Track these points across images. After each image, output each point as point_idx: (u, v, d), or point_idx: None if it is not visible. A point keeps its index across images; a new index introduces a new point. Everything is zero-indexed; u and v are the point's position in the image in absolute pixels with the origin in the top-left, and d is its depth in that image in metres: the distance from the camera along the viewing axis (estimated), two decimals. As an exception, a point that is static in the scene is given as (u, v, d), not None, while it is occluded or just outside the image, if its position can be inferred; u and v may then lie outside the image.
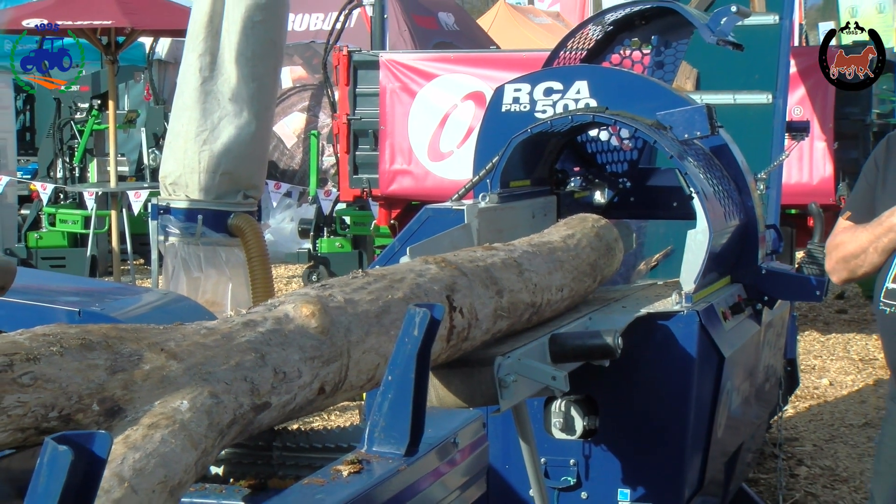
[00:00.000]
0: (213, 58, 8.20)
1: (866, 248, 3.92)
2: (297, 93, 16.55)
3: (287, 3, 8.66)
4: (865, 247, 3.93)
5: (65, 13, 13.18)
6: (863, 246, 3.94)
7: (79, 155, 15.05)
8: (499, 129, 5.72)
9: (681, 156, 5.20)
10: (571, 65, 6.61)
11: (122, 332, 2.64)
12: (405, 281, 3.53)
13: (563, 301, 4.56)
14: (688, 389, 4.86)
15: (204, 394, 2.64)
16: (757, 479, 6.94)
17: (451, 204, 5.38)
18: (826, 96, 10.10)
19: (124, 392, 2.52)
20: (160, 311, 5.68)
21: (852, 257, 3.98)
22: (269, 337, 2.93)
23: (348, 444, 3.38)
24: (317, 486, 2.86)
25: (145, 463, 2.36)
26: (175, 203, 8.25)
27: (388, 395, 3.09)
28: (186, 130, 8.18)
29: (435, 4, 19.28)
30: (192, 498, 3.09)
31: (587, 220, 5.11)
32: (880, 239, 3.88)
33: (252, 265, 8.17)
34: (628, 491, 4.95)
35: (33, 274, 8.64)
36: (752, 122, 7.22)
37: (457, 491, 3.47)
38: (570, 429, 4.87)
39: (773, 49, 7.71)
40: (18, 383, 2.33)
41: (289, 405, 2.96)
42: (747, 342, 5.41)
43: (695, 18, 6.49)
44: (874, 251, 3.91)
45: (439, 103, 11.27)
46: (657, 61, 6.82)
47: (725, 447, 5.50)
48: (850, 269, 4.02)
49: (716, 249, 5.09)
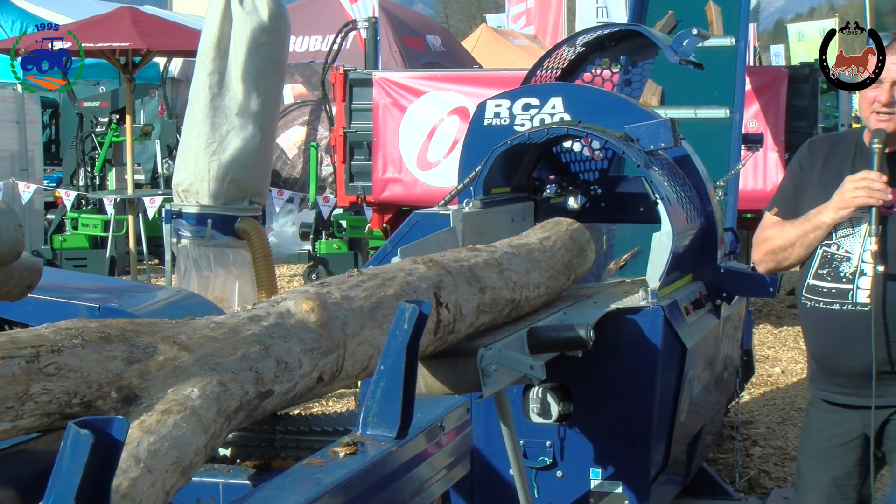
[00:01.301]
0: (222, 76, 8.20)
1: (794, 243, 3.92)
2: (297, 108, 16.54)
3: (289, 26, 8.65)
4: (793, 241, 3.92)
5: (87, 36, 13.14)
6: (791, 240, 3.93)
7: (99, 165, 15.02)
8: (481, 141, 5.71)
9: (647, 165, 5.20)
10: (547, 83, 6.61)
11: (137, 325, 2.63)
12: (396, 279, 3.53)
13: (539, 297, 4.56)
14: (653, 378, 4.86)
15: (213, 382, 2.63)
16: (716, 458, 6.95)
17: (437, 209, 5.37)
18: (777, 112, 10.12)
19: (140, 381, 2.51)
20: (173, 306, 5.67)
21: (780, 250, 3.98)
22: (273, 330, 2.93)
23: (344, 428, 3.37)
24: (316, 466, 2.86)
25: (159, 445, 2.36)
26: (187, 208, 8.24)
27: (381, 383, 3.09)
28: (197, 142, 8.18)
29: (423, 27, 19.30)
30: (202, 477, 3.08)
31: (562, 224, 5.11)
32: (807, 235, 3.87)
33: (257, 265, 8.16)
34: (599, 470, 4.96)
35: (57, 273, 8.62)
36: (711, 135, 7.24)
37: (443, 470, 3.47)
38: (547, 413, 4.87)
39: (730, 68, 7.73)
40: (44, 373, 2.33)
41: (290, 392, 2.95)
42: (707, 334, 5.41)
43: (659, 40, 6.50)
44: (801, 245, 3.90)
45: (427, 117, 11.27)
46: (625, 79, 6.82)
47: (687, 430, 5.51)
48: (777, 261, 4.03)
49: (679, 250, 5.09)
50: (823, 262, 3.89)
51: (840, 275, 3.84)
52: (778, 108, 10.11)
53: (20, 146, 15.16)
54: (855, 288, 3.80)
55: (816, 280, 3.90)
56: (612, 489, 4.95)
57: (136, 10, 14.46)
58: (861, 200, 3.71)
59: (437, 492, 3.45)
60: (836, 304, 3.85)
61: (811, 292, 3.92)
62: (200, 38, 8.42)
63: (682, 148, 5.61)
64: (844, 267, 3.84)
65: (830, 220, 3.81)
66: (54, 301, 5.15)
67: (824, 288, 3.88)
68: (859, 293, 3.79)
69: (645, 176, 5.17)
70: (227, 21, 8.23)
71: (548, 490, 4.99)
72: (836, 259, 3.86)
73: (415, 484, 3.24)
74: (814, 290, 3.91)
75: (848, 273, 3.82)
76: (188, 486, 2.52)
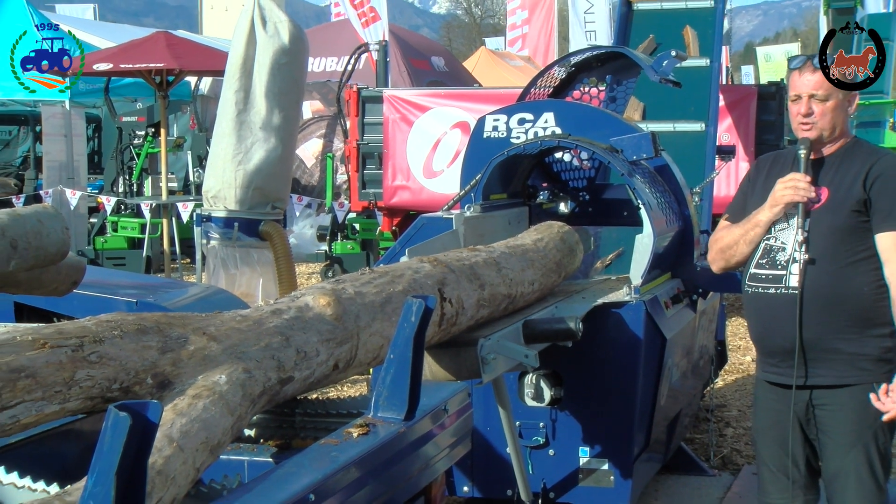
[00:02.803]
0: (247, 94, 8.20)
1: (738, 240, 4.04)
2: (315, 122, 16.53)
3: (307, 48, 8.65)
4: (738, 239, 4.04)
5: (127, 58, 13.20)
6: (736, 238, 4.05)
7: (136, 173, 15.02)
8: (481, 152, 5.71)
9: (630, 174, 5.20)
10: (540, 99, 6.60)
11: (171, 318, 2.63)
12: (404, 277, 3.52)
13: (533, 293, 4.55)
14: (636, 365, 4.86)
15: (239, 370, 2.63)
16: (693, 438, 6.94)
17: (441, 213, 5.37)
18: (748, 125, 10.10)
19: (173, 368, 2.51)
20: (203, 301, 5.68)
21: (728, 248, 4.10)
22: (293, 323, 2.93)
23: (358, 411, 3.37)
24: (332, 445, 2.85)
25: (190, 426, 2.35)
26: (215, 213, 8.24)
27: (391, 371, 3.09)
28: (225, 153, 8.18)
29: (428, 50, 19.28)
30: (229, 455, 3.08)
31: (553, 227, 5.11)
32: (748, 232, 4.00)
33: (279, 264, 8.17)
34: (587, 448, 4.95)
35: (99, 271, 8.63)
36: (688, 146, 7.22)
37: (447, 449, 3.47)
38: (540, 397, 4.86)
39: (705, 87, 7.72)
40: (88, 361, 2.33)
41: (309, 379, 2.95)
42: (685, 326, 5.41)
43: (641, 61, 6.49)
44: (744, 242, 4.02)
45: (432, 131, 11.26)
46: (610, 96, 6.82)
47: (667, 413, 5.50)
48: (726, 259, 4.13)
49: (659, 250, 5.09)
50: (764, 252, 3.99)
51: (776, 263, 3.95)
52: (748, 122, 10.10)
53: (67, 157, 15.18)
54: (788, 273, 3.90)
55: (757, 269, 4.01)
56: (598, 466, 4.94)
57: (170, 35, 14.48)
58: (788, 198, 3.87)
59: (441, 468, 3.45)
60: (772, 289, 3.94)
61: (752, 280, 4.02)
62: (228, 59, 8.42)
63: (661, 158, 5.60)
64: (780, 256, 3.94)
65: (766, 217, 3.95)
66: (96, 296, 5.16)
67: (763, 275, 3.98)
68: (791, 278, 3.89)
69: (628, 183, 5.17)
70: (252, 44, 8.23)
71: (541, 467, 4.99)
72: (774, 250, 3.97)
73: (421, 461, 3.24)
74: (754, 277, 4.01)
75: (783, 261, 3.92)
76: (216, 463, 2.52)
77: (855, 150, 3.96)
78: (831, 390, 3.89)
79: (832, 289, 3.85)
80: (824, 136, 3.90)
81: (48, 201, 13.04)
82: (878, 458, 3.89)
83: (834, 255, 3.86)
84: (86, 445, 2.74)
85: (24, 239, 3.70)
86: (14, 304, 5.60)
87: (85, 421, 2.97)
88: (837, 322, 3.86)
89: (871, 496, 3.89)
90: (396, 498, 3.10)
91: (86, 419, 2.86)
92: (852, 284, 3.85)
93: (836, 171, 3.91)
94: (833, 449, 3.92)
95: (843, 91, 3.89)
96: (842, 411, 3.89)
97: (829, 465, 3.96)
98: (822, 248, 3.87)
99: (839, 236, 3.86)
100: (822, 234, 3.87)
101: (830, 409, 3.91)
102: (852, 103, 3.96)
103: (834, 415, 3.91)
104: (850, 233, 3.86)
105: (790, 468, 4.00)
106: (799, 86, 3.91)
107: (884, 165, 3.86)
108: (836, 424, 3.90)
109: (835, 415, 3.91)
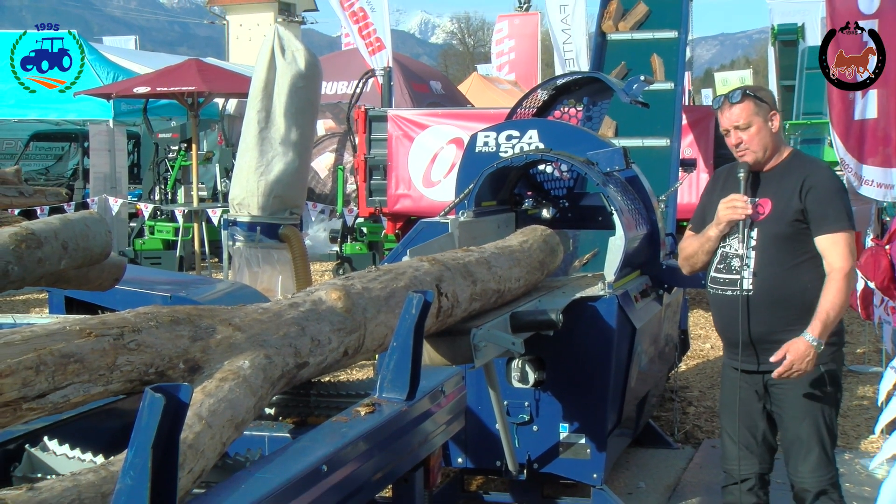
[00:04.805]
0: (268, 113, 8.19)
1: (697, 251, 4.15)
2: (328, 139, 16.51)
3: (321, 73, 8.64)
4: (696, 250, 4.15)
5: (163, 82, 13.19)
6: (695, 249, 4.16)
7: (171, 183, 14.99)
8: (473, 164, 5.70)
9: (604, 184, 5.19)
10: (526, 118, 6.60)
11: (201, 311, 2.63)
12: (406, 274, 3.52)
13: (520, 288, 4.55)
14: (609, 352, 4.85)
15: (260, 356, 2.62)
16: (659, 416, 6.94)
17: (439, 218, 5.36)
18: (707, 141, 10.09)
19: (202, 355, 2.51)
20: (229, 296, 5.67)
21: (690, 257, 4.21)
22: (308, 314, 2.92)
23: (365, 392, 3.37)
24: (342, 422, 2.85)
25: (217, 406, 2.35)
26: (240, 218, 8.24)
27: (394, 356, 3.08)
28: (248, 166, 8.17)
29: (427, 75, 19.28)
30: (251, 431, 3.08)
31: (537, 230, 5.10)
32: (703, 245, 4.11)
33: (296, 263, 8.16)
34: (567, 425, 4.95)
35: (138, 269, 8.62)
36: (655, 160, 7.22)
37: (443, 426, 3.47)
38: (525, 380, 4.86)
39: (669, 107, 7.72)
40: (127, 348, 2.32)
41: (322, 364, 2.95)
42: (652, 317, 5.41)
43: (614, 84, 6.49)
44: (702, 252, 4.13)
45: (431, 146, 11.25)
46: (587, 115, 6.82)
47: (636, 393, 5.50)
48: (691, 265, 4.24)
49: (629, 251, 5.08)
50: (721, 259, 4.07)
51: (731, 268, 4.02)
52: (708, 138, 10.09)
53: (111, 169, 15.15)
54: (741, 277, 3.98)
55: (716, 273, 4.08)
56: (576, 440, 4.94)
57: (200, 62, 14.45)
58: (728, 216, 3.99)
59: (438, 443, 3.44)
60: (729, 291, 4.02)
61: (713, 282, 4.10)
62: (251, 83, 8.41)
63: (632, 170, 5.60)
64: (734, 262, 4.01)
65: (714, 233, 4.06)
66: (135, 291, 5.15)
67: (721, 278, 4.06)
68: (744, 281, 3.98)
69: (603, 192, 5.17)
70: (273, 70, 8.22)
71: (526, 441, 4.98)
72: (729, 256, 4.04)
73: (421, 436, 3.24)
74: (715, 280, 4.09)
75: (737, 266, 4.00)
76: (240, 438, 2.52)
77: (793, 164, 4.04)
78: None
79: (780, 290, 3.94)
80: (759, 157, 4.01)
81: (94, 208, 13.03)
82: (825, 428, 3.99)
83: (780, 259, 3.95)
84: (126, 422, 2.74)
85: (74, 241, 3.70)
86: (65, 298, 5.60)
87: (125, 401, 2.97)
88: (785, 317, 3.94)
89: (822, 457, 3.99)
90: (399, 468, 3.10)
91: (126, 399, 2.85)
92: (797, 284, 3.94)
93: (777, 184, 4.00)
94: (788, 421, 4.02)
95: (761, 115, 3.99)
96: (792, 390, 3.98)
97: (785, 434, 4.06)
98: (770, 254, 3.95)
99: (783, 242, 3.95)
100: (769, 241, 3.96)
101: (783, 388, 4.00)
102: (773, 122, 4.03)
103: (786, 393, 4.00)
104: (792, 239, 3.95)
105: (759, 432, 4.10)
106: (724, 121, 4.04)
107: (815, 178, 3.96)
108: (788, 400, 4.00)
109: (787, 393, 4.00)
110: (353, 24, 14.49)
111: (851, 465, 6.08)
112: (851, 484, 5.78)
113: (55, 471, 2.76)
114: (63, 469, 2.73)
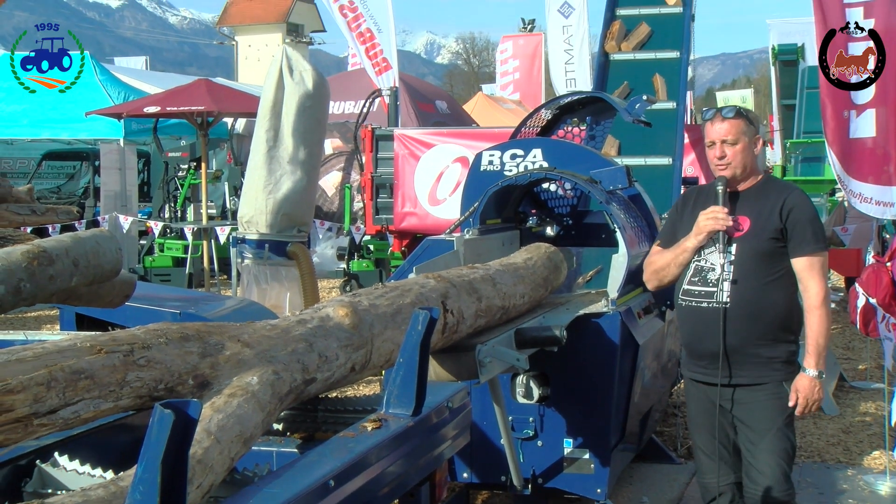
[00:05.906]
0: (276, 132, 8.21)
1: (670, 263, 4.16)
2: (335, 157, 16.55)
3: (328, 93, 8.66)
4: (669, 262, 4.16)
5: (173, 102, 13.24)
6: (668, 262, 4.17)
7: (180, 201, 15.03)
8: (478, 182, 5.71)
9: (607, 202, 5.20)
10: (530, 138, 6.61)
11: (210, 327, 2.63)
12: (412, 291, 3.52)
13: (524, 305, 4.55)
14: (613, 368, 4.85)
15: (269, 372, 2.62)
16: (662, 431, 6.92)
17: (444, 236, 5.37)
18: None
19: (211, 371, 2.50)
20: (238, 312, 5.67)
21: (660, 269, 4.22)
22: (316, 331, 2.92)
23: (372, 408, 3.36)
24: (349, 437, 2.84)
25: (226, 421, 2.35)
26: (249, 235, 8.24)
27: (400, 372, 3.08)
28: (257, 184, 8.18)
29: (433, 95, 19.32)
30: (259, 446, 3.08)
31: (541, 247, 5.10)
32: (678, 256, 4.12)
33: (303, 280, 8.16)
34: (571, 440, 4.94)
35: (148, 286, 8.63)
36: (657, 178, 7.22)
37: (449, 440, 3.46)
38: (530, 395, 4.85)
39: (672, 126, 7.72)
40: (137, 364, 2.32)
41: (329, 379, 2.94)
42: (655, 334, 5.40)
43: (617, 104, 6.50)
44: (675, 265, 4.14)
45: (436, 164, 11.26)
46: (590, 135, 6.83)
47: (640, 409, 5.49)
48: (659, 279, 4.25)
49: (633, 268, 5.08)
50: (696, 272, 4.09)
51: (708, 281, 4.04)
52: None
53: (121, 187, 15.18)
54: (719, 290, 4.00)
55: (690, 286, 4.09)
56: (580, 455, 4.93)
57: (210, 82, 14.52)
58: (710, 227, 4.01)
59: (444, 457, 3.43)
60: (704, 303, 4.04)
61: (686, 294, 4.11)
62: (260, 102, 8.44)
63: (634, 188, 5.61)
64: (711, 275, 4.03)
65: (692, 244, 4.07)
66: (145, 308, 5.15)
67: (696, 291, 4.07)
68: (722, 294, 3.99)
69: (606, 210, 5.17)
70: (281, 89, 8.25)
71: (530, 456, 4.97)
72: (705, 269, 4.06)
73: (427, 451, 3.23)
74: (688, 292, 4.10)
75: (713, 279, 4.02)
76: (248, 453, 2.52)
77: (769, 185, 4.12)
78: (751, 388, 4.01)
79: (755, 304, 3.98)
80: (737, 174, 4.06)
81: (104, 226, 13.05)
82: (788, 442, 4.02)
83: (756, 274, 3.99)
84: (135, 438, 2.73)
85: (85, 258, 3.71)
86: (76, 315, 5.61)
87: (135, 416, 2.97)
88: (758, 330, 3.98)
89: (786, 470, 4.01)
90: (405, 483, 3.09)
91: (135, 415, 2.85)
92: (771, 299, 3.99)
93: (754, 203, 4.06)
94: (753, 434, 4.03)
95: (748, 135, 4.06)
96: (759, 404, 4.02)
97: (749, 447, 4.05)
98: (747, 269, 4.00)
99: (760, 258, 4.00)
100: (747, 256, 4.00)
101: (749, 403, 4.03)
102: (757, 145, 4.12)
103: (752, 407, 4.03)
104: (769, 256, 4.00)
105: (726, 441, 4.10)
106: (712, 133, 4.08)
107: (794, 200, 4.03)
108: (754, 415, 4.02)
109: (753, 407, 4.03)
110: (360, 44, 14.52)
111: (854, 482, 6.05)
112: (855, 500, 5.76)
113: (66, 486, 2.76)
114: (73, 484, 2.72)
